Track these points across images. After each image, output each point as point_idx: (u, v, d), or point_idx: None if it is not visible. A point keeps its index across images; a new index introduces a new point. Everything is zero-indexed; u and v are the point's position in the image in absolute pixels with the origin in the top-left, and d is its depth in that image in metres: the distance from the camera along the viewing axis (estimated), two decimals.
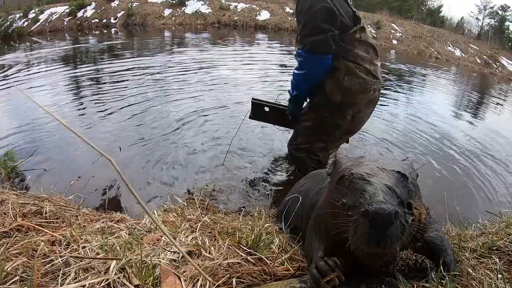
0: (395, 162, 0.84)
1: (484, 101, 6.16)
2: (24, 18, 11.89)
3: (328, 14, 1.71)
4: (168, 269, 0.82)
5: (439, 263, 0.88)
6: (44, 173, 2.14)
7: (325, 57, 1.76)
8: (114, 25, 12.18)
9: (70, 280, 0.75)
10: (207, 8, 13.32)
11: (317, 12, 1.70)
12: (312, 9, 1.71)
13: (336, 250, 0.83)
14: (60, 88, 4.22)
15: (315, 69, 1.81)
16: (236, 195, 1.98)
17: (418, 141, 3.12)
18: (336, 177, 0.84)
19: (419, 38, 13.06)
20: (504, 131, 3.95)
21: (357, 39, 1.81)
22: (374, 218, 0.64)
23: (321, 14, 1.70)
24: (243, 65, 5.82)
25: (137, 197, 0.51)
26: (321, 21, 1.71)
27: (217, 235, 1.08)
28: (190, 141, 2.66)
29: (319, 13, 1.70)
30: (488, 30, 24.66)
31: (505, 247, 1.07)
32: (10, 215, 1.07)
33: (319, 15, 1.70)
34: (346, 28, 1.78)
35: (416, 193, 0.79)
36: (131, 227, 1.08)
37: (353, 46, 1.81)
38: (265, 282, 0.88)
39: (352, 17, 1.82)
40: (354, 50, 1.81)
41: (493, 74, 11.23)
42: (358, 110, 1.88)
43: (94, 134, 2.76)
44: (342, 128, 1.92)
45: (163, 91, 4.04)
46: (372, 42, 1.88)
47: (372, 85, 1.84)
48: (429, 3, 25.58)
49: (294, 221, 1.21)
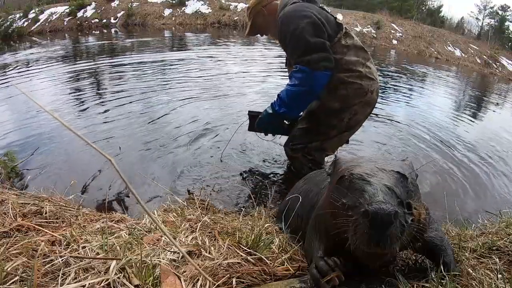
0: (394, 162, 0.84)
1: (484, 101, 6.17)
2: (24, 18, 11.90)
3: (314, 29, 1.71)
4: (168, 269, 0.82)
5: (439, 263, 0.88)
6: (44, 173, 2.14)
7: (327, 73, 1.74)
8: (114, 25, 12.18)
9: (70, 280, 0.75)
10: (207, 8, 13.33)
11: (303, 30, 1.69)
12: (298, 28, 1.70)
13: (336, 250, 0.83)
14: (60, 87, 4.23)
15: (317, 86, 1.77)
16: (236, 195, 1.98)
17: (418, 141, 3.12)
18: (336, 177, 0.84)
19: (419, 38, 13.06)
20: (504, 131, 3.95)
21: (344, 46, 1.80)
22: (374, 218, 0.65)
23: (308, 31, 1.69)
24: (243, 66, 5.82)
25: (137, 197, 0.51)
26: (311, 36, 1.70)
27: (217, 235, 1.08)
28: (191, 141, 2.66)
29: (305, 31, 1.69)
30: (488, 30, 24.69)
31: (505, 247, 1.07)
32: (10, 215, 1.08)
33: (305, 32, 1.69)
34: (331, 37, 1.77)
35: (415, 193, 0.79)
36: (131, 227, 1.08)
37: (342, 53, 1.80)
38: (265, 282, 0.88)
39: (334, 24, 1.81)
40: (344, 58, 1.80)
41: (493, 74, 11.23)
42: (355, 113, 1.88)
43: (94, 134, 2.76)
44: (338, 128, 1.92)
45: (163, 91, 4.04)
46: (360, 44, 1.87)
47: (368, 87, 1.84)
48: (429, 3, 25.61)
49: (294, 221, 1.21)
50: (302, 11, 1.75)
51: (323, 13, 1.80)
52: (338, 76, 1.80)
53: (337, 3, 20.31)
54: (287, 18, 1.76)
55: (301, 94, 1.78)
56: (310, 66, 1.70)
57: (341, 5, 18.68)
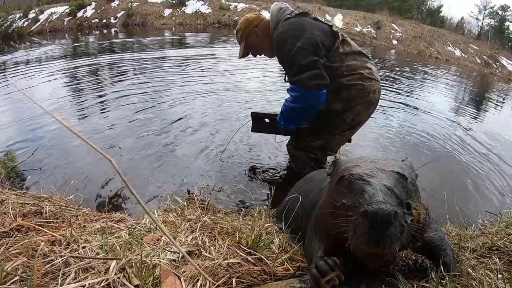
0: (394, 162, 0.84)
1: (484, 101, 6.17)
2: (24, 18, 11.91)
3: (313, 45, 1.72)
4: (168, 269, 0.82)
5: (439, 263, 0.88)
6: (44, 173, 2.14)
7: (320, 92, 1.75)
8: (114, 25, 12.19)
9: (70, 280, 0.75)
10: (207, 8, 13.34)
11: (298, 50, 1.71)
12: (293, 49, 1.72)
13: (336, 250, 0.83)
14: (60, 87, 4.23)
15: (310, 105, 1.79)
16: (236, 195, 1.98)
17: (418, 141, 3.12)
18: (336, 178, 0.84)
19: (419, 38, 13.07)
20: (504, 131, 3.95)
21: (342, 53, 1.82)
22: (373, 218, 0.65)
23: (305, 49, 1.71)
24: (243, 65, 5.82)
25: (137, 197, 0.51)
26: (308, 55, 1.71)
27: (217, 235, 1.08)
28: (191, 141, 2.66)
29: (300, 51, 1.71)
30: (488, 30, 24.69)
31: (505, 247, 1.07)
32: (10, 215, 1.08)
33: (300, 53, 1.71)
34: (328, 48, 1.79)
35: (415, 194, 0.79)
36: (131, 227, 1.08)
37: (342, 61, 1.82)
38: (265, 282, 0.88)
39: (330, 34, 1.82)
40: (344, 64, 1.82)
41: (493, 74, 11.23)
42: (358, 113, 1.90)
43: (94, 133, 2.76)
44: (340, 128, 1.94)
45: (163, 91, 4.04)
46: (358, 49, 1.89)
47: (370, 87, 1.86)
48: (429, 3, 25.61)
49: (294, 221, 1.21)
50: (296, 29, 1.76)
51: (317, 26, 1.81)
52: (340, 81, 1.82)
53: (337, 3, 20.30)
54: (282, 39, 1.78)
55: (296, 110, 1.84)
56: (299, 84, 1.74)
57: (341, 5, 18.67)
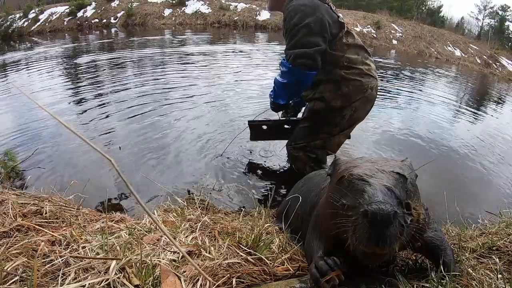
0: (394, 163, 0.84)
1: (484, 101, 6.16)
2: (24, 18, 11.91)
3: (320, 26, 1.72)
4: (168, 269, 0.82)
5: (438, 263, 0.88)
6: (44, 173, 2.14)
7: (308, 73, 1.75)
8: (114, 25, 12.18)
9: (70, 280, 0.75)
10: (207, 8, 13.32)
11: (307, 25, 1.70)
12: (300, 24, 1.71)
13: (336, 250, 0.83)
14: (59, 87, 4.23)
15: (297, 82, 1.81)
16: (236, 195, 1.98)
17: (418, 141, 3.12)
18: (335, 178, 0.84)
19: (419, 38, 13.05)
20: (504, 131, 3.94)
21: (345, 44, 1.83)
22: (373, 218, 0.65)
23: (311, 28, 1.70)
24: (243, 65, 5.82)
25: (137, 197, 0.51)
26: (310, 35, 1.71)
27: (217, 235, 1.08)
28: (191, 141, 2.66)
29: (308, 27, 1.70)
30: (488, 30, 24.69)
31: (505, 247, 1.07)
32: (10, 215, 1.08)
33: (308, 28, 1.70)
34: (334, 35, 1.80)
35: (415, 194, 0.79)
36: (131, 227, 1.08)
37: (343, 51, 1.83)
38: (265, 282, 0.88)
39: (337, 23, 1.83)
40: (345, 55, 1.83)
41: (493, 74, 11.22)
42: (355, 109, 1.92)
43: (94, 133, 2.76)
44: (339, 126, 1.95)
45: (164, 91, 4.04)
46: (361, 43, 1.90)
47: (368, 84, 1.88)
48: (429, 3, 25.61)
49: (294, 221, 1.21)
50: (310, 7, 1.74)
51: (329, 12, 1.80)
52: (339, 72, 1.84)
53: (338, 3, 20.29)
54: (293, 10, 1.75)
55: (284, 86, 1.86)
56: (288, 58, 1.77)
57: (341, 5, 18.67)
